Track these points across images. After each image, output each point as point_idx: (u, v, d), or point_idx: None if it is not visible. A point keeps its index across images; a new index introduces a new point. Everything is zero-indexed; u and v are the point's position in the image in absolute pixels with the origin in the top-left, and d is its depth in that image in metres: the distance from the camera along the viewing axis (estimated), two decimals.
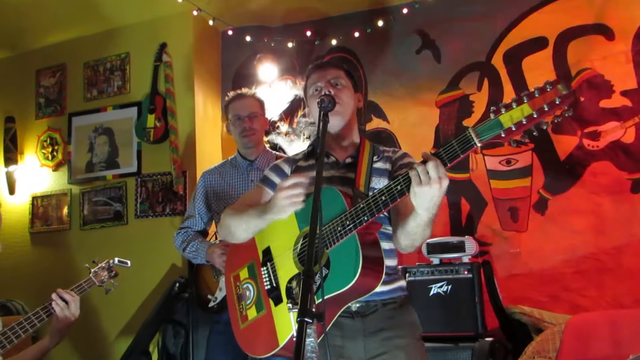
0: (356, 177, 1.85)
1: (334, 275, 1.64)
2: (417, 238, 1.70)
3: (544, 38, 3.62)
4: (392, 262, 1.88)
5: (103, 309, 3.99)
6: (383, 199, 1.57)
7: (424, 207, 1.54)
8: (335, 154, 1.96)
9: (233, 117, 2.89)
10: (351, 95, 1.97)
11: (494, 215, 3.59)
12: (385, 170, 1.91)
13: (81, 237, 4.25)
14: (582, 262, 3.31)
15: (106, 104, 4.37)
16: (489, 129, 1.37)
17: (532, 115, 1.30)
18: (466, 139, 1.42)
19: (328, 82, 1.94)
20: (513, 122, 1.33)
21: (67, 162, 4.40)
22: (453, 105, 3.82)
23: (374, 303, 1.80)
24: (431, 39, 3.94)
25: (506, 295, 3.28)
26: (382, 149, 1.99)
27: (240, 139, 2.88)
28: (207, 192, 2.95)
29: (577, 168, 3.42)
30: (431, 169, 1.45)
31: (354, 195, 1.76)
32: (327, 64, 2.03)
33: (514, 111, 1.32)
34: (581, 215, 3.37)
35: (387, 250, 1.83)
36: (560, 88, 1.28)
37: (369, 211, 1.59)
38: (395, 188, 1.56)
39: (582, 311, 3.17)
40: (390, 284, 1.84)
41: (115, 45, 4.39)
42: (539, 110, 1.29)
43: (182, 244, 2.91)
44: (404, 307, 1.86)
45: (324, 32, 4.22)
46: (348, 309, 1.76)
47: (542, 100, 1.30)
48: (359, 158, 1.91)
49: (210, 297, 2.81)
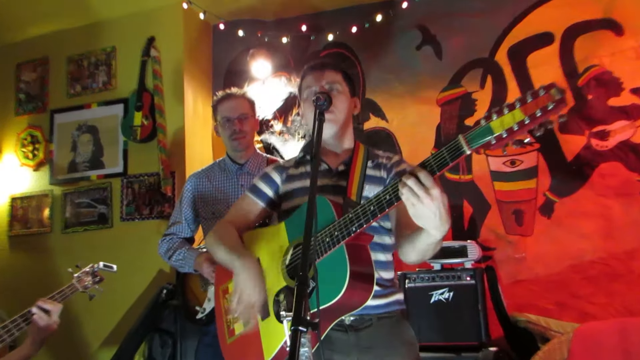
0: (348, 186, 1.84)
1: (321, 288, 1.61)
2: (428, 254, 1.67)
3: (549, 33, 3.61)
4: (388, 274, 1.86)
5: (86, 316, 3.95)
6: (372, 209, 1.55)
7: (433, 227, 1.49)
8: (328, 161, 1.94)
9: (222, 118, 2.86)
10: (346, 100, 1.95)
11: (498, 218, 3.58)
12: (379, 178, 1.90)
13: (63, 240, 4.21)
14: (591, 267, 3.30)
15: (90, 100, 4.33)
16: (479, 136, 1.37)
17: (523, 122, 1.30)
18: (456, 147, 1.41)
19: (322, 88, 1.92)
20: (504, 128, 1.33)
21: (49, 161, 4.36)
22: (455, 104, 3.81)
23: (368, 317, 1.78)
24: (432, 34, 3.93)
25: (511, 303, 3.26)
26: (376, 153, 1.97)
27: (229, 142, 2.86)
28: (194, 196, 2.92)
29: (584, 169, 3.42)
30: (414, 185, 1.42)
31: (345, 204, 1.75)
32: (324, 66, 1.99)
33: (506, 117, 1.32)
34: (589, 218, 3.36)
35: (382, 262, 1.82)
36: (553, 93, 1.28)
37: (357, 222, 1.57)
38: (383, 198, 1.53)
39: (591, 319, 3.16)
40: (386, 297, 1.82)
41: (101, 39, 4.36)
42: (531, 116, 1.29)
43: (167, 252, 2.87)
44: (400, 323, 1.85)
45: (320, 27, 4.20)
46: (341, 323, 1.75)
47: (534, 106, 1.29)
48: (351, 165, 1.90)
49: (198, 309, 2.78)
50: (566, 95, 1.28)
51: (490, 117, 1.35)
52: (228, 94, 2.92)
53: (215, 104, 2.93)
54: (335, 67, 2.00)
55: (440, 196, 1.43)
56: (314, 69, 1.99)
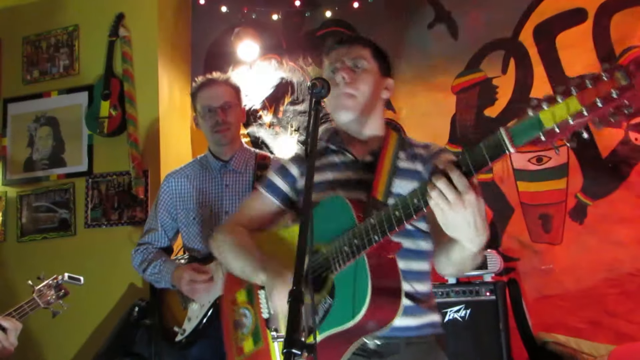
0: (374, 181, 1.81)
1: (338, 306, 1.62)
2: (466, 267, 1.66)
3: (582, 10, 3.64)
4: (423, 286, 1.84)
5: (46, 336, 3.95)
6: (397, 215, 1.51)
7: (467, 238, 1.47)
8: (353, 150, 1.94)
9: (202, 108, 2.88)
10: (372, 80, 1.94)
11: (522, 224, 3.61)
12: (413, 172, 1.88)
13: (18, 250, 4.22)
14: (629, 280, 3.33)
15: (50, 87, 4.34)
16: (525, 130, 1.27)
17: (581, 113, 1.20)
18: (497, 143, 1.31)
19: (344, 64, 1.93)
20: (556, 122, 1.23)
21: (2, 158, 4.37)
22: (472, 91, 3.84)
23: (396, 341, 1.75)
24: (446, 10, 3.96)
25: (537, 321, 3.29)
26: (412, 142, 1.96)
27: (211, 134, 2.88)
28: (172, 199, 2.94)
29: (622, 167, 3.44)
30: (444, 188, 1.38)
31: (368, 205, 1.73)
32: (351, 40, 2.00)
33: (558, 107, 1.22)
34: (627, 223, 3.39)
35: (416, 272, 1.80)
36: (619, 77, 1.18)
37: (380, 229, 1.54)
38: (411, 201, 1.48)
39: (628, 340, 3.18)
40: (419, 317, 1.80)
41: (62, 16, 4.36)
42: (590, 106, 1.19)
43: (141, 263, 2.89)
44: (434, 352, 1.81)
45: (316, 2, 4.22)
46: (364, 347, 1.73)
47: (594, 93, 1.19)
48: (380, 156, 1.88)
49: (178, 330, 2.79)
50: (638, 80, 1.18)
51: (540, 106, 1.25)
52: (209, 79, 2.94)
53: (195, 91, 2.95)
54: (363, 41, 2.01)
55: (475, 202, 1.39)
56: (338, 44, 2.00)
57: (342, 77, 1.89)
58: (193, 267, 2.71)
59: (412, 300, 1.77)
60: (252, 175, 2.88)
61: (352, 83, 1.89)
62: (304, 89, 4.20)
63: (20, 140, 4.35)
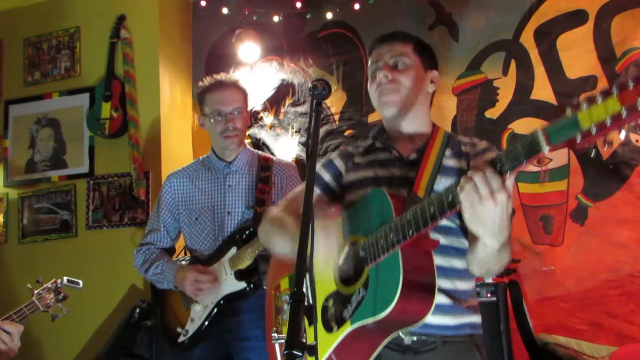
0: (416, 178, 1.83)
1: (371, 298, 1.64)
2: (492, 267, 1.68)
3: (583, 11, 3.64)
4: (465, 284, 1.84)
5: (47, 337, 3.97)
6: (432, 211, 1.53)
7: (488, 234, 1.49)
8: (399, 147, 1.95)
9: (213, 112, 2.86)
10: (414, 76, 1.95)
11: (523, 225, 3.61)
12: (457, 169, 1.88)
13: (19, 252, 4.23)
14: (630, 282, 3.33)
15: (51, 89, 4.36)
16: (562, 130, 1.26)
17: (619, 114, 1.16)
18: (533, 142, 1.31)
19: (385, 64, 1.95)
20: (593, 122, 1.20)
21: (3, 160, 4.38)
22: (473, 93, 3.84)
23: (432, 339, 1.76)
24: (447, 12, 3.96)
25: (538, 323, 3.29)
26: (459, 140, 1.97)
27: (220, 139, 2.87)
28: (174, 199, 2.94)
29: (623, 168, 3.44)
30: (479, 183, 1.39)
31: (408, 200, 1.74)
32: (392, 38, 2.01)
33: (597, 107, 1.19)
34: (628, 225, 3.38)
35: (458, 269, 1.81)
36: None
37: (415, 224, 1.56)
38: (446, 197, 1.50)
39: (629, 342, 3.18)
40: (458, 316, 1.80)
41: (63, 18, 4.38)
42: (631, 107, 1.15)
43: (143, 264, 2.89)
44: (470, 354, 1.81)
45: (317, 4, 4.22)
46: (399, 342, 1.75)
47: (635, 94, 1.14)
48: (425, 153, 1.90)
49: (180, 331, 2.80)
50: None
51: (579, 107, 1.23)
52: (219, 81, 2.91)
53: (203, 92, 2.92)
54: (404, 37, 2.02)
55: (505, 202, 1.40)
56: (380, 42, 2.01)
57: (384, 75, 1.92)
58: (197, 268, 2.71)
59: (451, 298, 1.78)
60: (255, 176, 2.88)
61: (394, 80, 1.92)
62: (305, 90, 4.21)
63: (22, 141, 4.36)
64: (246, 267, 2.66)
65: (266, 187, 2.84)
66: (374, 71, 1.97)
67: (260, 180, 2.85)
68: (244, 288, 2.67)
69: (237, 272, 2.67)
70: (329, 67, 4.19)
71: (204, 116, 2.91)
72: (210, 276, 2.67)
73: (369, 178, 1.93)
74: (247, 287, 2.66)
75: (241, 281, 2.66)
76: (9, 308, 2.45)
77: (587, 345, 3.06)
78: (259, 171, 2.89)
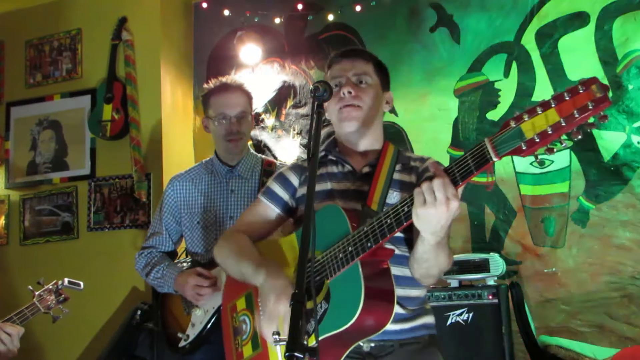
0: (369, 191, 1.87)
1: (333, 310, 1.67)
2: (430, 265, 1.73)
3: (584, 13, 3.64)
4: (416, 291, 1.89)
5: (49, 339, 3.97)
6: (388, 222, 1.60)
7: (430, 231, 1.58)
8: (352, 161, 1.99)
9: (217, 115, 2.83)
10: (375, 95, 2.00)
11: (525, 227, 3.60)
12: (408, 183, 1.93)
13: (21, 253, 4.24)
14: (631, 284, 3.33)
15: (53, 91, 4.36)
16: (508, 140, 1.38)
17: (559, 124, 1.30)
18: (481, 153, 1.43)
19: (348, 80, 1.97)
20: (536, 132, 1.33)
21: (5, 162, 4.38)
22: (475, 94, 3.84)
23: (389, 343, 1.81)
24: (449, 14, 3.96)
25: (539, 325, 3.29)
26: (408, 155, 2.02)
27: (223, 142, 2.85)
28: (176, 203, 2.94)
29: (624, 170, 3.44)
30: (437, 188, 1.48)
31: (362, 214, 1.79)
32: (354, 54, 2.05)
33: (538, 118, 1.33)
34: (629, 227, 3.38)
35: (409, 277, 1.84)
36: (595, 89, 1.29)
37: (373, 236, 1.62)
38: (401, 210, 1.59)
39: (631, 344, 3.18)
40: (411, 320, 1.85)
41: (64, 20, 4.39)
42: (568, 117, 1.30)
43: (145, 267, 2.88)
44: (428, 351, 1.86)
45: (319, 6, 4.23)
46: (358, 349, 1.78)
47: (571, 105, 1.29)
48: (377, 168, 1.94)
49: (181, 336, 2.79)
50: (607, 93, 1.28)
51: (521, 119, 1.36)
52: (224, 84, 2.89)
53: (208, 94, 2.90)
54: (366, 56, 2.06)
55: (455, 210, 1.50)
56: (342, 57, 2.04)
57: (348, 91, 1.94)
58: (197, 272, 2.70)
59: (405, 307, 1.83)
60: (258, 181, 2.87)
61: (357, 97, 1.95)
62: (306, 92, 4.21)
63: (23, 143, 4.37)
64: None
65: None
66: (336, 85, 1.99)
67: (263, 185, 2.84)
68: None
69: None
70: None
71: (208, 119, 2.90)
72: (211, 281, 2.67)
73: (323, 191, 1.96)
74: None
75: None
76: (11, 310, 2.45)
77: (589, 347, 3.06)
78: (262, 176, 2.88)
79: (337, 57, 2.05)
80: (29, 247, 4.24)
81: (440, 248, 1.66)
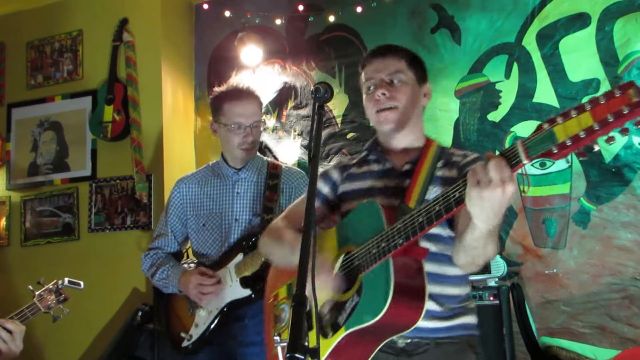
0: (408, 189, 1.87)
1: (364, 304, 1.69)
2: (477, 254, 1.70)
3: (585, 15, 3.64)
4: (457, 290, 1.88)
5: (50, 339, 3.97)
6: (420, 220, 1.60)
7: (482, 217, 1.50)
8: (392, 159, 2.00)
9: (232, 123, 2.79)
10: (410, 91, 1.99)
11: (526, 228, 3.61)
12: (449, 178, 1.90)
13: (22, 254, 4.24)
14: (633, 285, 3.33)
15: (54, 92, 4.37)
16: (539, 143, 1.35)
17: (592, 128, 1.26)
18: (513, 154, 1.40)
19: (382, 82, 1.97)
20: (568, 136, 1.30)
21: (6, 163, 4.39)
22: (476, 96, 3.84)
23: (425, 341, 1.80)
24: (450, 15, 3.96)
25: (540, 326, 3.29)
26: (451, 151, 2.01)
27: (238, 151, 2.82)
28: (182, 204, 2.93)
29: (625, 171, 3.44)
30: (493, 168, 1.41)
31: (399, 210, 1.79)
32: (385, 52, 2.04)
33: (571, 121, 1.30)
34: (630, 228, 3.38)
35: (450, 276, 1.85)
36: (632, 94, 1.23)
37: (404, 234, 1.63)
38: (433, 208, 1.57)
39: (632, 345, 3.18)
40: (449, 319, 1.84)
41: (66, 21, 4.39)
42: (602, 121, 1.25)
43: (150, 268, 2.88)
44: (463, 353, 1.85)
45: (320, 7, 4.23)
46: (393, 345, 1.79)
47: (606, 109, 1.25)
48: (417, 165, 1.93)
49: (184, 336, 2.79)
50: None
51: (555, 121, 1.33)
52: (239, 91, 2.85)
53: (220, 99, 2.85)
54: (398, 52, 2.04)
55: (510, 195, 1.42)
56: (373, 57, 2.04)
57: (382, 93, 1.94)
58: (201, 271, 2.70)
59: (442, 304, 1.82)
60: (264, 184, 2.86)
61: (392, 97, 1.95)
62: (307, 93, 4.21)
63: (24, 145, 4.37)
64: (252, 274, 2.65)
65: (274, 195, 2.83)
66: (370, 87, 2.00)
67: (269, 188, 2.84)
68: (248, 295, 2.66)
69: (243, 278, 2.66)
70: (331, 70, 4.20)
71: (219, 124, 2.85)
72: (214, 279, 2.67)
73: (363, 189, 1.98)
74: (252, 294, 2.65)
75: (246, 288, 2.65)
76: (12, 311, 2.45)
77: (590, 349, 3.06)
78: (267, 179, 2.87)
79: (368, 58, 2.06)
80: (30, 248, 4.24)
81: (491, 237, 1.60)
